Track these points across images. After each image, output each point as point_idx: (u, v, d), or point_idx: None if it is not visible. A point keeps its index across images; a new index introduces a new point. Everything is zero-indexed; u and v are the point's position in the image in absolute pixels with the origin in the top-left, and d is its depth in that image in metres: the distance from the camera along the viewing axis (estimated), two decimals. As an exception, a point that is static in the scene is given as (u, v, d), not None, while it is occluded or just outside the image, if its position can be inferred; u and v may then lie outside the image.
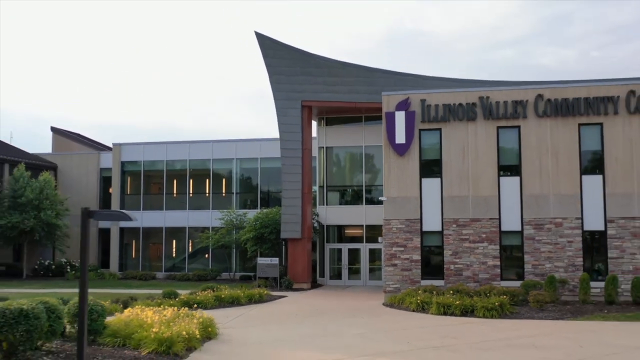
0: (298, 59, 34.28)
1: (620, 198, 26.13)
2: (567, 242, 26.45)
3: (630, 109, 26.37)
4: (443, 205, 27.77)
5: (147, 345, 14.67)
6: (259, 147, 41.48)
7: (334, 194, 38.20)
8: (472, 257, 27.26)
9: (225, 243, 39.45)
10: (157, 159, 43.92)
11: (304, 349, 16.13)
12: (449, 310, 22.60)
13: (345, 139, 37.42)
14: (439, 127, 28.13)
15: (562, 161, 26.81)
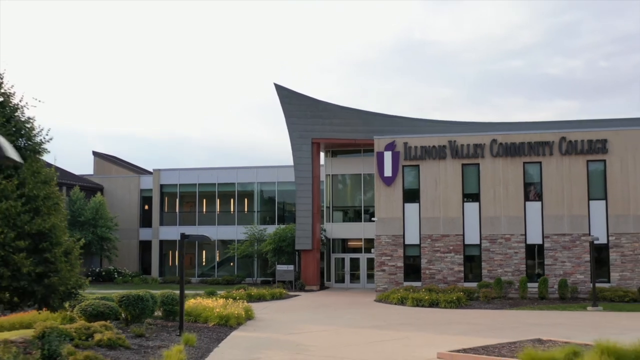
0: (309, 104, 42.73)
1: (554, 219, 34.36)
2: (514, 253, 34.71)
3: (562, 151, 34.64)
4: (420, 224, 36.11)
5: (212, 320, 22.99)
6: (277, 173, 49.82)
7: (338, 213, 46.51)
8: (442, 264, 35.56)
9: (248, 253, 47.76)
10: (190, 182, 52.37)
11: (313, 324, 24.42)
12: (421, 303, 30.82)
13: (347, 167, 45.73)
14: (417, 164, 36.51)
15: (511, 191, 35.09)
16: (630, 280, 33.33)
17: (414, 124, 40.69)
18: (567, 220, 34.31)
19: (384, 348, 18.10)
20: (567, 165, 34.61)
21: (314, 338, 20.31)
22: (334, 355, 16.92)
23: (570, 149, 34.57)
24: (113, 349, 15.68)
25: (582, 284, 33.56)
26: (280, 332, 21.84)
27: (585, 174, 34.55)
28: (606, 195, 34.23)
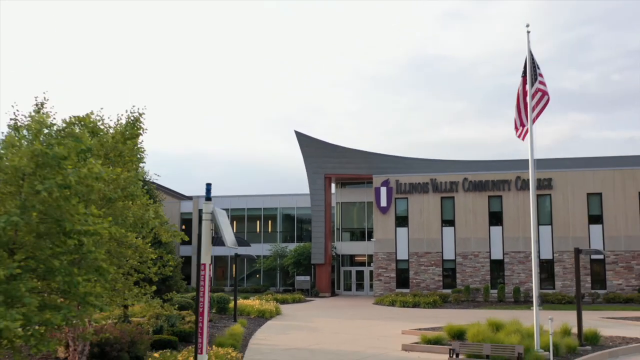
0: (322, 147, 53.00)
1: (511, 240, 44.31)
2: (481, 266, 44.69)
3: (517, 187, 44.69)
4: (409, 244, 46.23)
5: (253, 313, 33.22)
6: (296, 200, 60.05)
7: (346, 233, 56.62)
8: (425, 275, 45.63)
9: (272, 266, 57.96)
10: (223, 207, 62.64)
11: (323, 317, 34.55)
12: (406, 304, 40.81)
13: (353, 196, 55.86)
14: (406, 196, 46.67)
15: (478, 218, 45.11)
16: (569, 288, 43.22)
17: (405, 161, 50.79)
18: (522, 241, 44.26)
19: (370, 329, 28.24)
20: (522, 198, 44.60)
21: (324, 324, 30.51)
22: (336, 332, 27.11)
23: (524, 186, 44.59)
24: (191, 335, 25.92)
25: (532, 290, 43.34)
26: (300, 321, 32.05)
27: (536, 205, 44.48)
28: (552, 221, 44.20)
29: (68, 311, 9.02)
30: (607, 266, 43.28)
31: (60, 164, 9.34)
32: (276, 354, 21.15)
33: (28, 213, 9.03)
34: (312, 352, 21.59)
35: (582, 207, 43.98)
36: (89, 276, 9.47)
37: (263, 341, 24.46)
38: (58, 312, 8.86)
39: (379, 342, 23.99)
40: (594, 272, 43.52)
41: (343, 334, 26.91)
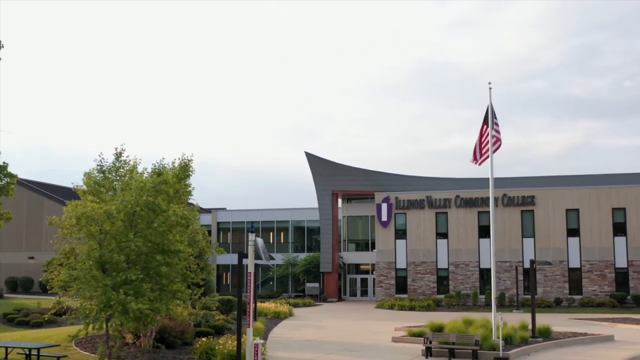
0: (330, 166, 58.58)
1: (499, 250, 49.67)
2: (472, 274, 50.12)
3: (504, 203, 50.15)
4: (407, 254, 51.74)
5: (269, 314, 38.85)
6: (306, 213, 65.57)
7: (352, 244, 62.13)
8: (422, 282, 51.11)
9: (285, 274, 63.50)
10: (240, 219, 68.40)
11: (329, 318, 40.09)
12: (403, 308, 46.22)
13: (358, 211, 61.36)
14: (405, 212, 52.20)
15: (469, 231, 50.56)
16: (549, 293, 48.57)
17: (404, 179, 56.26)
18: (508, 252, 49.67)
19: (368, 327, 33.76)
20: (508, 214, 50.05)
21: (330, 323, 36.07)
22: (340, 329, 32.67)
23: (509, 202, 50.04)
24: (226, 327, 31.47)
25: (516, 295, 48.74)
26: (310, 321, 37.63)
27: (520, 219, 50.02)
28: (534, 234, 49.62)
29: (167, 302, 14.69)
30: (583, 274, 48.60)
31: (160, 208, 15.03)
32: (291, 344, 26.74)
33: (142, 239, 14.73)
34: (320, 343, 27.15)
35: (561, 222, 49.34)
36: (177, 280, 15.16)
37: (280, 335, 30.06)
38: (162, 302, 14.54)
39: (375, 336, 29.51)
40: (571, 280, 48.85)
41: (346, 330, 32.45)
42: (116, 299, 13.60)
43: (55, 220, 18.48)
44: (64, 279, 14.62)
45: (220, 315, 33.41)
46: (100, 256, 14.44)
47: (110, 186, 18.29)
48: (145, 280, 14.26)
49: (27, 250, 65.14)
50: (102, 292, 14.04)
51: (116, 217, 14.61)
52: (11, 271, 65.88)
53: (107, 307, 13.90)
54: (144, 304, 13.54)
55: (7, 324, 40.70)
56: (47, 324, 39.22)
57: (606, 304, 45.87)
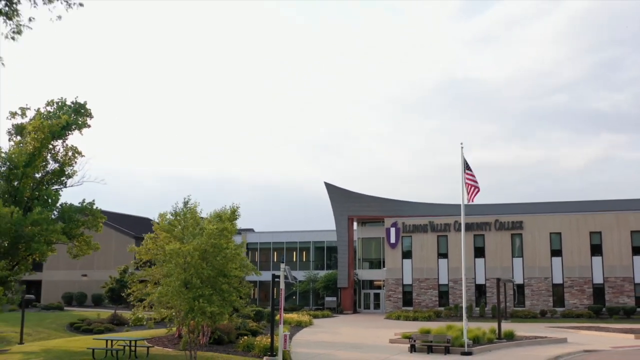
0: (346, 194, 66.60)
1: (492, 268, 57.26)
2: (468, 289, 57.67)
3: (496, 228, 57.77)
4: (412, 272, 59.52)
5: (293, 322, 46.91)
6: (325, 235, 73.60)
7: (366, 262, 69.97)
8: (425, 296, 58.83)
9: (306, 289, 71.44)
10: (266, 240, 76.58)
11: (344, 327, 47.97)
12: (408, 318, 53.90)
13: (371, 233, 69.22)
14: (411, 235, 60.06)
15: (466, 251, 57.93)
16: (536, 306, 56.02)
17: (410, 205, 64.13)
18: (499, 270, 57.23)
19: (374, 333, 41.60)
20: (500, 236, 57.66)
21: (342, 330, 43.98)
22: (351, 334, 40.58)
23: (501, 227, 57.67)
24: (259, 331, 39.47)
25: (508, 308, 56.30)
26: (326, 328, 45.59)
27: (510, 241, 57.62)
28: (522, 254, 57.16)
29: (228, 310, 22.78)
30: (565, 289, 56.00)
31: (222, 247, 23.17)
32: (309, 344, 34.75)
33: (211, 267, 22.86)
34: (332, 343, 35.11)
35: (546, 244, 56.81)
36: (233, 294, 23.28)
37: (301, 338, 38.08)
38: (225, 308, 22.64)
39: (376, 339, 37.39)
40: (555, 294, 56.27)
41: (355, 335, 40.35)
42: (197, 306, 21.63)
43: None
44: (162, 292, 22.68)
45: (253, 323, 41.45)
46: (185, 278, 22.48)
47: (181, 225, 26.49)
48: (214, 294, 22.27)
49: (80, 268, 73.75)
50: (187, 302, 22.07)
51: (194, 253, 22.63)
52: (66, 287, 74.62)
53: (190, 311, 21.93)
54: (215, 308, 21.63)
55: (73, 332, 49.00)
56: (107, 331, 47.21)
57: (584, 315, 53.18)
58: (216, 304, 22.14)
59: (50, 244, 34.38)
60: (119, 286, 56.69)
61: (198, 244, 23.05)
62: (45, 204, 36.46)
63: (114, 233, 71.68)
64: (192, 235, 24.32)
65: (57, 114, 36.04)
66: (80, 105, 35.90)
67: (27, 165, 34.85)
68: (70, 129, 35.94)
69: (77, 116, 35.61)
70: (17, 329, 44.20)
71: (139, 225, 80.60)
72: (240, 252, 27.69)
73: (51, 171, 37.45)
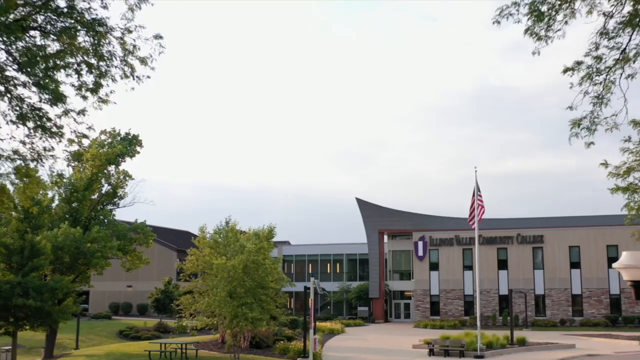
0: (376, 209, 70.23)
1: (514, 280, 60.31)
2: (492, 299, 60.78)
3: (518, 241, 60.83)
4: (439, 283, 62.86)
5: (325, 330, 50.66)
6: (357, 247, 77.19)
7: (396, 274, 73.39)
8: (451, 306, 62.09)
9: (340, 299, 75.08)
10: (301, 253, 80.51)
11: (374, 334, 51.56)
12: (435, 327, 57.14)
13: (401, 246, 72.66)
14: (437, 248, 63.43)
15: (489, 264, 61.35)
16: (556, 315, 58.87)
17: (438, 219, 67.40)
18: (522, 281, 60.23)
19: (400, 339, 45.11)
20: (521, 250, 60.69)
21: (371, 337, 47.59)
22: (378, 341, 44.17)
23: (523, 240, 60.70)
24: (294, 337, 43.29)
25: (529, 317, 59.25)
26: (357, 336, 49.24)
27: (531, 254, 60.61)
28: (543, 266, 60.10)
29: (266, 317, 26.72)
30: (584, 299, 58.76)
31: (261, 263, 27.13)
32: (339, 349, 38.49)
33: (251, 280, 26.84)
34: (360, 348, 38.79)
35: (565, 256, 59.67)
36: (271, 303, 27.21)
37: (332, 344, 41.81)
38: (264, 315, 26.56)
39: (401, 345, 40.93)
40: (574, 304, 59.07)
41: (382, 341, 43.94)
42: (240, 312, 25.57)
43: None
44: (210, 301, 26.70)
45: (289, 330, 45.32)
46: (229, 289, 26.46)
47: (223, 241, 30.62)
48: (254, 303, 26.20)
49: (126, 280, 78.53)
50: (231, 310, 26.01)
51: (237, 267, 26.61)
52: (113, 297, 79.54)
53: (235, 317, 25.87)
54: (255, 314, 25.56)
55: (122, 339, 53.43)
56: (153, 338, 51.41)
57: (601, 324, 55.90)
58: (256, 311, 26.05)
59: (106, 258, 38.74)
60: (164, 296, 61.22)
61: (241, 259, 27.04)
62: (102, 223, 41.01)
63: (157, 246, 76.19)
64: (234, 252, 28.34)
65: (111, 143, 40.56)
66: (134, 136, 40.38)
67: (86, 189, 39.33)
68: (123, 157, 40.41)
69: (130, 146, 40.03)
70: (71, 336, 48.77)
71: (180, 238, 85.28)
72: (277, 267, 31.67)
73: (105, 193, 41.96)
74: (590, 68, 10.30)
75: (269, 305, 26.87)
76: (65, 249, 35.22)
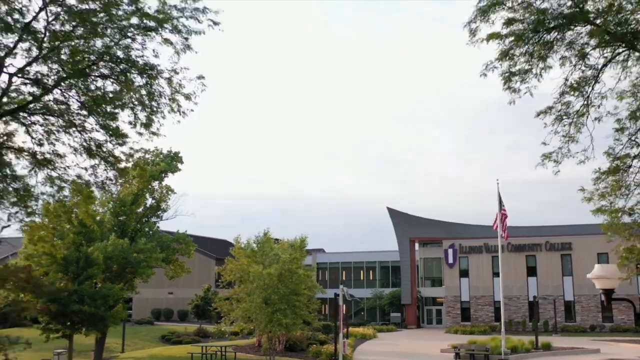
0: (407, 218, 72.06)
1: (543, 286, 61.58)
2: (522, 305, 62.14)
3: (546, 249, 62.11)
4: (469, 289, 64.40)
5: (358, 335, 52.71)
6: (390, 255, 79.00)
7: (428, 280, 75.05)
8: (482, 312, 63.58)
9: (373, 306, 76.98)
10: (335, 260, 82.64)
11: (405, 340, 53.43)
12: (465, 332, 58.72)
13: (432, 253, 74.33)
14: (467, 255, 65.02)
15: (518, 270, 62.71)
16: (586, 321, 59.98)
17: (467, 227, 68.91)
18: (551, 287, 61.47)
19: (429, 344, 46.91)
20: (550, 257, 61.95)
21: (402, 342, 49.48)
22: (407, 345, 46.08)
23: (551, 248, 61.96)
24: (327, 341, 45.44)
25: (559, 323, 60.42)
26: (388, 341, 51.17)
27: (560, 261, 61.83)
28: (572, 273, 61.27)
29: (299, 322, 28.95)
30: (614, 305, 59.74)
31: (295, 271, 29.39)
32: (370, 352, 40.53)
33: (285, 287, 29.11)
34: (390, 352, 40.78)
35: (593, 262, 60.24)
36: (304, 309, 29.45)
37: (364, 348, 43.85)
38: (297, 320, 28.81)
39: (429, 350, 42.77)
40: (604, 310, 60.10)
41: (411, 346, 45.81)
42: (275, 318, 27.85)
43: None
44: (246, 307, 29.03)
45: (322, 334, 47.49)
46: (265, 296, 28.76)
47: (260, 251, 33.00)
48: (288, 309, 28.45)
49: (167, 287, 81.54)
50: (266, 315, 28.29)
51: (273, 275, 28.90)
52: (154, 304, 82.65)
53: (270, 322, 28.15)
54: (288, 320, 27.81)
55: (164, 343, 56.09)
56: (194, 342, 53.91)
57: (631, 330, 56.88)
58: (289, 317, 28.30)
59: (151, 267, 41.42)
60: (203, 303, 63.98)
61: (276, 268, 29.36)
62: (147, 234, 43.75)
63: (197, 255, 78.91)
64: (270, 261, 30.69)
65: (155, 160, 43.32)
66: (175, 154, 43.07)
67: (133, 204, 42.09)
68: (166, 173, 43.15)
69: (172, 163, 42.75)
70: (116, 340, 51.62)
71: (218, 246, 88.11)
72: (310, 275, 33.93)
73: (150, 207, 44.73)
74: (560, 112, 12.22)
75: (302, 311, 29.10)
76: (114, 259, 37.93)
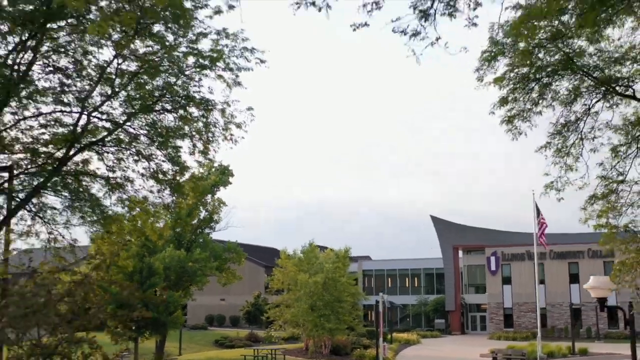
0: (450, 225, 73.64)
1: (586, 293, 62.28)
2: (564, 312, 63.13)
3: (589, 256, 63.05)
4: (512, 296, 65.69)
5: (402, 341, 54.67)
6: (434, 262, 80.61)
7: (472, 287, 76.40)
8: (524, 318, 64.80)
9: (418, 312, 78.70)
10: (380, 267, 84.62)
11: (448, 345, 55.17)
12: (507, 339, 60.05)
13: (475, 260, 75.64)
14: (509, 263, 66.33)
15: (560, 277, 63.74)
16: (629, 328, 60.59)
17: (509, 234, 70.07)
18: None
19: (471, 350, 48.65)
20: (592, 264, 62.84)
21: (444, 348, 51.27)
22: (449, 351, 47.93)
23: (593, 255, 62.86)
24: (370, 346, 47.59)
25: (602, 329, 61.18)
26: (431, 346, 53.04)
27: (603, 268, 62.61)
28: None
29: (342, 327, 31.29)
30: (656, 312, 60.27)
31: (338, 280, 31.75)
32: (412, 357, 42.57)
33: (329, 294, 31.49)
34: (431, 357, 42.77)
35: (636, 270, 61.34)
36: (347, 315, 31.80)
37: (406, 353, 45.89)
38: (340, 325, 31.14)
39: (470, 355, 44.56)
40: (647, 317, 60.64)
41: (453, 351, 47.63)
42: (319, 323, 30.25)
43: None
44: (294, 313, 31.52)
45: (367, 340, 49.64)
46: (311, 303, 31.19)
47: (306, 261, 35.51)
48: (331, 315, 30.82)
49: (220, 294, 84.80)
50: (312, 321, 30.72)
51: (318, 283, 31.32)
52: (208, 310, 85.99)
53: (315, 327, 30.56)
54: (332, 325, 30.18)
55: (218, 347, 58.95)
56: (245, 346, 56.53)
57: (674, 336, 57.40)
58: (333, 322, 30.67)
59: (206, 276, 44.31)
60: (254, 309, 66.82)
61: (321, 277, 31.81)
62: (200, 245, 46.72)
63: (247, 263, 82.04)
64: (315, 270, 33.15)
65: (207, 175, 46.25)
66: (225, 167, 45.91)
67: (188, 216, 45.08)
68: (218, 186, 46.04)
69: (223, 176, 45.62)
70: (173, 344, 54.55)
71: (267, 254, 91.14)
72: (353, 282, 36.28)
73: (203, 219, 47.71)
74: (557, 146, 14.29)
75: (345, 316, 31.42)
76: (171, 269, 40.92)
